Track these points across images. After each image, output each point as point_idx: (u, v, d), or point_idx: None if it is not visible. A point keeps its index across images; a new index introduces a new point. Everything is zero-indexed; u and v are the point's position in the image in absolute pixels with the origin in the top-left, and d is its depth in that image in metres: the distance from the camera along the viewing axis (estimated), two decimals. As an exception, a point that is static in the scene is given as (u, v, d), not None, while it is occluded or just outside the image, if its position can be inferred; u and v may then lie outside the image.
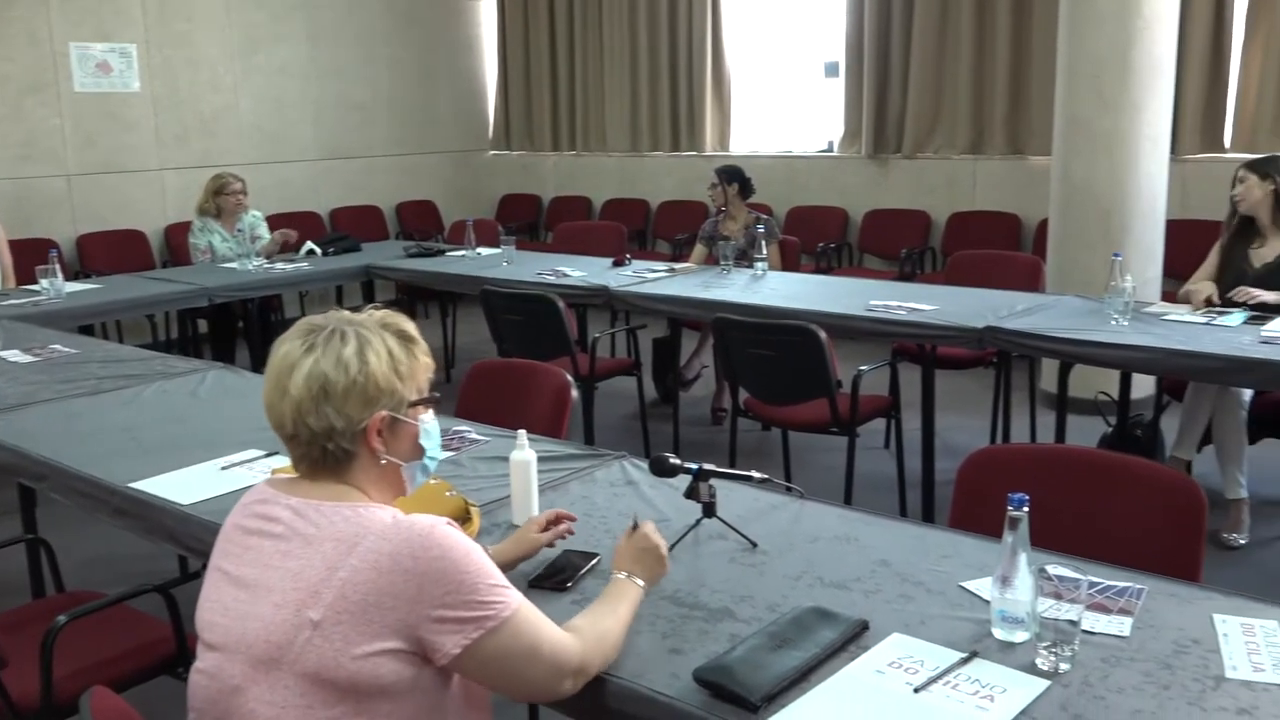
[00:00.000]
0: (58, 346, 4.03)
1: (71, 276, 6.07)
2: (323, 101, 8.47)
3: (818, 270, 6.94)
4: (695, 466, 2.09)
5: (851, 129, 7.59)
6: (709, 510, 2.11)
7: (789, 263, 5.74)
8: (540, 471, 2.30)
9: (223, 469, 2.59)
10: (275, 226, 6.50)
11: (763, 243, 5.29)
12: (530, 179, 9.47)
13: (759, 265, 5.22)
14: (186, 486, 2.47)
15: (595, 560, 2.01)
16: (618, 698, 1.63)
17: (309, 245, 6.28)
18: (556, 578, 1.94)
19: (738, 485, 2.27)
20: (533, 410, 3.04)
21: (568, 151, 9.23)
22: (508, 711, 1.73)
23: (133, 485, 2.50)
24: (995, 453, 2.51)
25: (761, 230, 5.40)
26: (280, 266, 5.91)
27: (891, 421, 4.40)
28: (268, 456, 2.64)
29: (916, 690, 1.56)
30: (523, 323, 4.83)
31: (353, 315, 1.65)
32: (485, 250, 6.19)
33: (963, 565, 1.97)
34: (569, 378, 3.12)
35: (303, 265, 6.01)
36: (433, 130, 9.23)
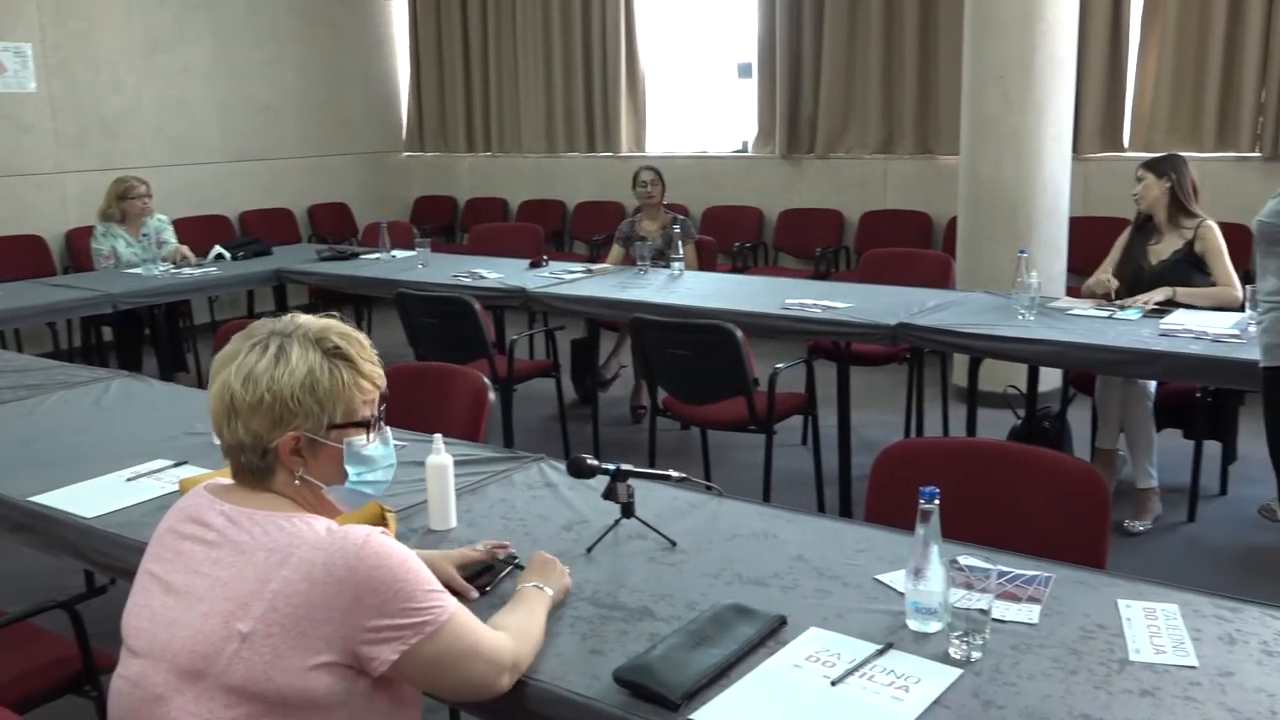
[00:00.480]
0: (-48, 357, 3.89)
1: (-34, 284, 5.85)
2: (229, 102, 8.28)
3: (734, 270, 7.00)
4: (613, 467, 2.09)
5: (765, 129, 7.67)
6: (628, 510, 2.11)
7: (705, 262, 5.78)
8: (457, 475, 2.29)
9: (129, 480, 2.51)
10: (182, 230, 6.35)
11: (679, 243, 5.32)
12: (445, 180, 9.38)
13: (676, 265, 5.24)
14: (90, 499, 2.39)
15: (513, 565, 1.99)
16: (538, 700, 1.63)
17: (217, 249, 6.14)
18: (475, 582, 1.92)
19: (656, 485, 2.28)
20: (449, 414, 3.01)
21: (483, 153, 9.17)
22: (428, 715, 1.70)
23: (33, 499, 2.42)
24: (908, 447, 2.56)
25: (678, 230, 5.43)
26: (188, 271, 5.77)
27: (808, 418, 4.46)
28: (176, 466, 2.58)
29: (833, 683, 1.58)
30: (439, 326, 4.78)
31: (300, 323, 1.59)
32: (400, 253, 6.12)
33: (877, 559, 2.01)
34: (486, 380, 3.10)
35: (211, 270, 5.87)
36: (344, 131, 9.10)
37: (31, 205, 7.30)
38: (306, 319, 1.60)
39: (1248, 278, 4.52)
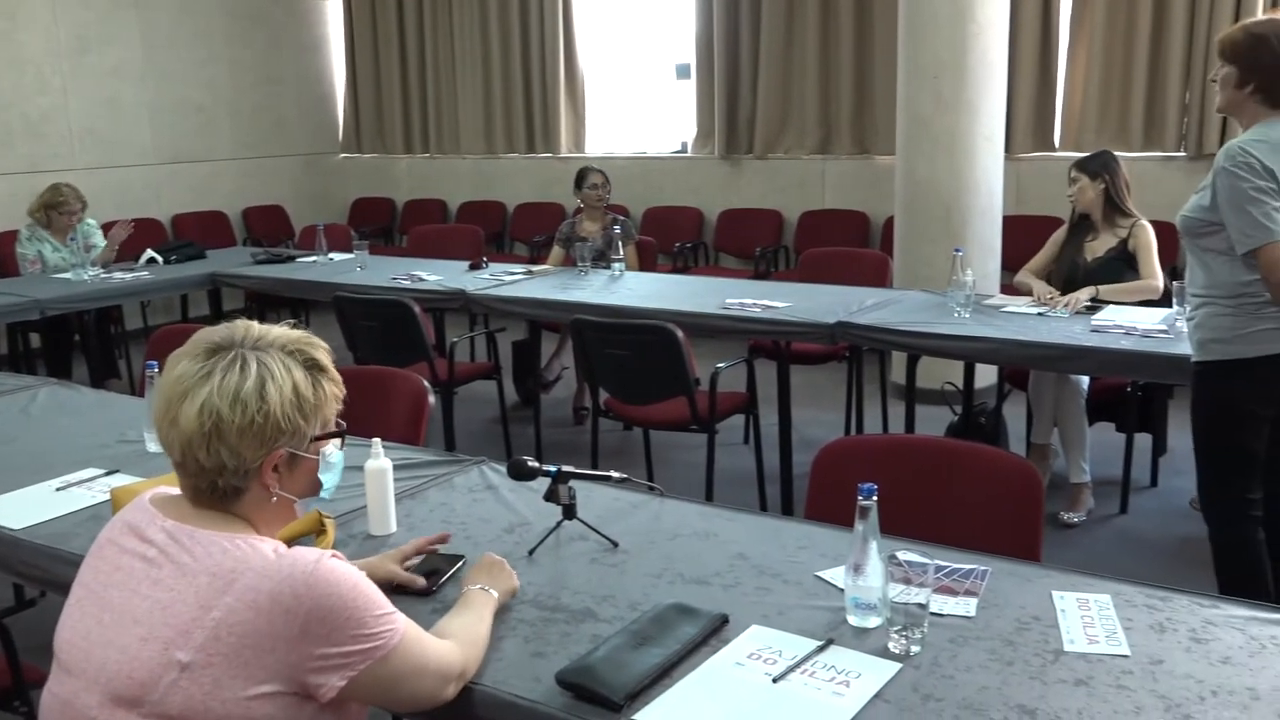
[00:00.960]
0: None
1: (-114, 291, 5.67)
2: (160, 104, 8.12)
3: (674, 270, 7.02)
4: (554, 469, 2.08)
5: (704, 130, 7.70)
6: (569, 512, 2.11)
7: (646, 263, 5.79)
8: (397, 479, 2.27)
9: (58, 490, 2.45)
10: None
11: (620, 243, 5.32)
12: (383, 182, 9.29)
13: (616, 266, 5.24)
14: (18, 510, 2.33)
15: (461, 563, 1.98)
16: (481, 705, 1.62)
17: (149, 253, 6.02)
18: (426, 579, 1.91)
19: (598, 486, 2.28)
20: (389, 417, 2.98)
21: (421, 154, 9.10)
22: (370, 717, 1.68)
23: (-42, 511, 2.36)
24: (847, 444, 2.58)
25: (618, 231, 5.43)
26: (119, 275, 5.65)
27: (749, 417, 4.48)
28: (107, 475, 2.53)
29: (775, 680, 1.59)
30: (378, 329, 4.73)
31: (260, 333, 1.52)
32: (338, 255, 6.05)
33: (818, 555, 2.02)
34: (425, 383, 3.07)
35: (143, 274, 5.76)
36: (280, 133, 8.98)
37: (-46, 209, 7.11)
38: (265, 329, 1.54)
39: (1176, 274, 4.64)
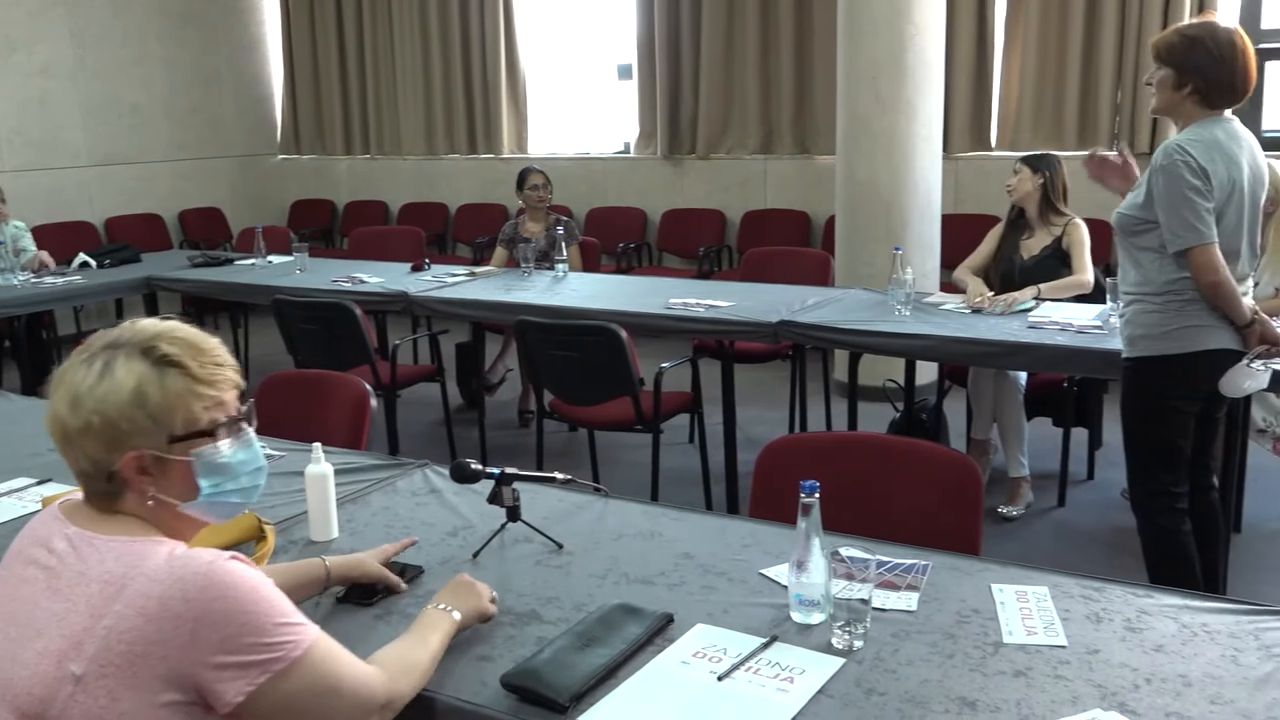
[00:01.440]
0: None
1: None
2: (92, 104, 7.95)
3: (618, 270, 7.02)
4: (497, 471, 2.08)
5: (646, 130, 7.70)
6: (513, 514, 2.10)
7: (589, 263, 5.78)
8: (339, 484, 2.24)
9: (-13, 500, 2.40)
10: (44, 237, 6.08)
11: (563, 244, 5.31)
12: (323, 183, 9.19)
13: (560, 267, 5.23)
14: (-55, 521, 2.27)
15: (420, 574, 1.97)
16: (425, 710, 1.60)
17: (82, 257, 5.90)
18: (357, 594, 1.88)
19: (542, 487, 2.27)
20: (330, 422, 2.96)
21: (361, 155, 9.01)
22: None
23: (-118, 523, 2.29)
24: (790, 442, 2.60)
25: (561, 232, 5.42)
26: (50, 280, 5.53)
27: (694, 417, 4.49)
28: (39, 484, 2.48)
29: (720, 678, 1.59)
30: (319, 332, 4.68)
31: (134, 330, 1.46)
32: (277, 258, 5.97)
33: (762, 553, 2.03)
34: (367, 387, 3.04)
35: (76, 279, 5.63)
36: (216, 134, 8.83)
37: (-124, 213, 6.90)
38: (143, 324, 1.48)
39: (1110, 270, 4.73)
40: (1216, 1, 5.76)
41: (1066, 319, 3.78)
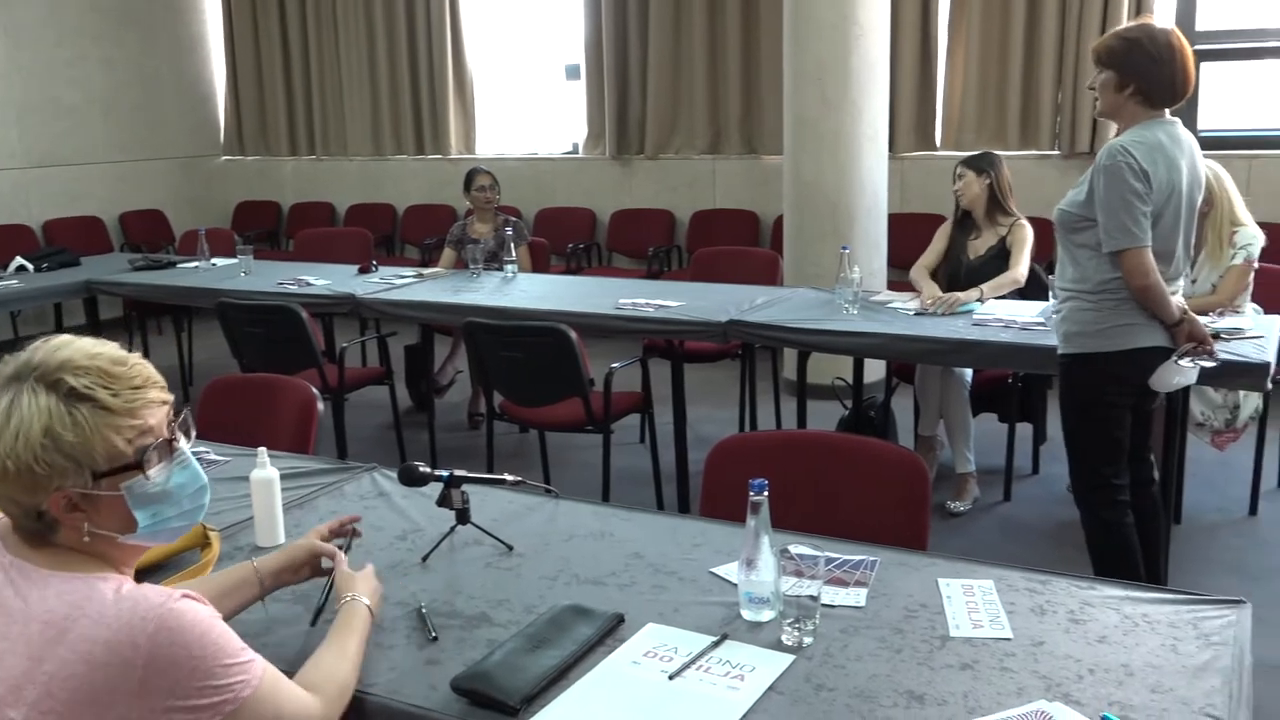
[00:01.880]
0: None
1: None
2: (27, 104, 7.79)
3: (568, 271, 7.01)
4: (446, 473, 2.06)
5: (595, 131, 7.70)
6: (463, 517, 2.09)
7: (539, 264, 5.77)
8: (285, 489, 2.22)
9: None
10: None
11: (512, 245, 5.29)
12: (267, 185, 9.07)
13: (509, 267, 5.21)
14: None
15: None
16: (375, 714, 1.59)
17: (19, 260, 5.78)
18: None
19: (492, 489, 2.27)
20: (276, 426, 2.92)
21: (306, 156, 8.91)
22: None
23: None
24: (740, 441, 2.61)
25: (510, 233, 5.40)
26: (-14, 285, 5.42)
27: (645, 417, 4.50)
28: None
29: (671, 677, 1.60)
30: (264, 335, 4.62)
31: (41, 358, 1.34)
32: (221, 261, 5.89)
33: (712, 552, 2.04)
34: (314, 390, 3.01)
35: (12, 283, 5.52)
36: (158, 135, 8.68)
37: None
38: (48, 349, 1.36)
39: (1052, 268, 4.81)
40: (1153, 4, 5.88)
41: (1010, 316, 3.84)
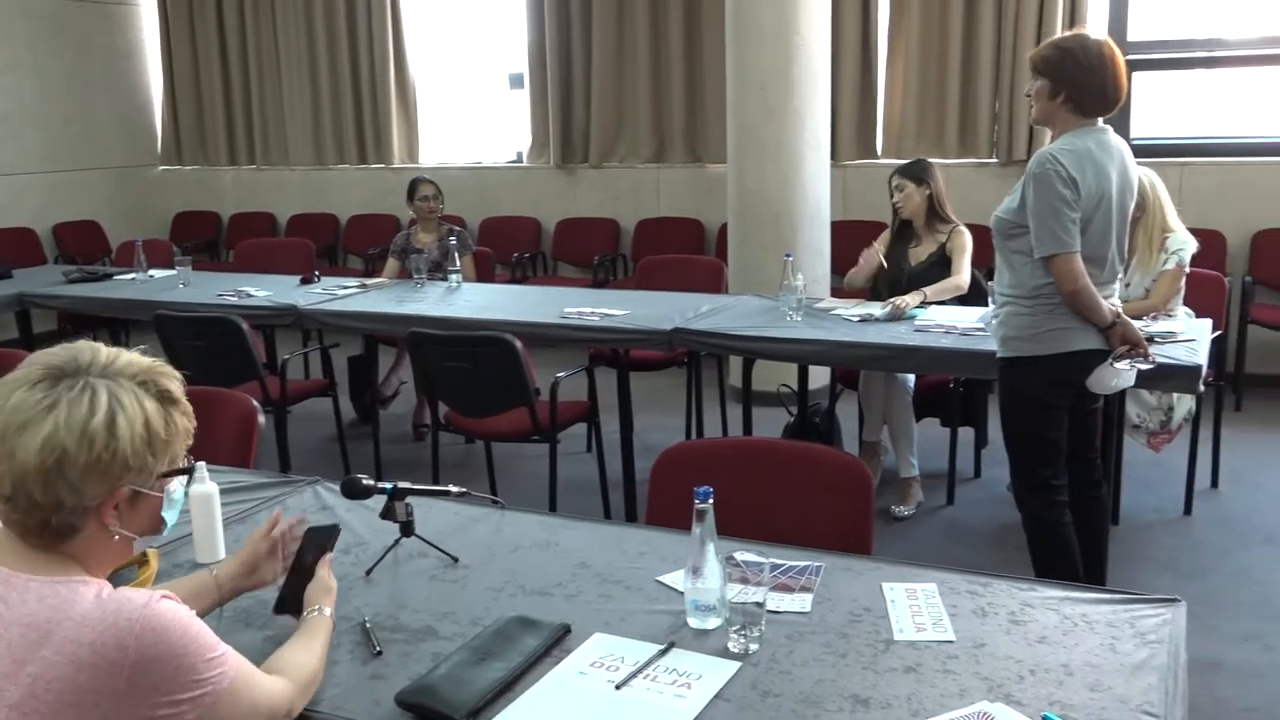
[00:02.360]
0: None
1: None
2: (-43, 114, 7.62)
3: (513, 280, 6.99)
4: (389, 486, 2.04)
5: (539, 140, 7.69)
6: (407, 529, 2.07)
7: (484, 274, 5.74)
8: (226, 504, 2.18)
9: None
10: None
11: (456, 255, 5.26)
12: (207, 195, 8.94)
13: (453, 277, 5.19)
14: None
15: (337, 531, 1.89)
16: (318, 732, 1.57)
17: (-52, 273, 5.64)
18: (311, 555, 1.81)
19: (437, 501, 2.25)
20: (216, 440, 2.87)
21: (246, 165, 8.79)
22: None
23: None
24: (685, 449, 2.62)
25: (454, 242, 5.37)
26: (-87, 298, 5.27)
27: (591, 426, 4.49)
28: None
29: (618, 687, 1.59)
30: (204, 348, 4.54)
31: (109, 358, 1.41)
32: (159, 272, 5.79)
33: (659, 560, 2.04)
34: (254, 403, 2.97)
35: (-59, 296, 5.39)
36: (92, 144, 8.52)
37: None
38: (113, 354, 1.43)
39: (992, 274, 4.88)
40: (1086, 15, 6.00)
41: (951, 322, 3.89)
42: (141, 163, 8.95)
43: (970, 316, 3.96)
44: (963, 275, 4.31)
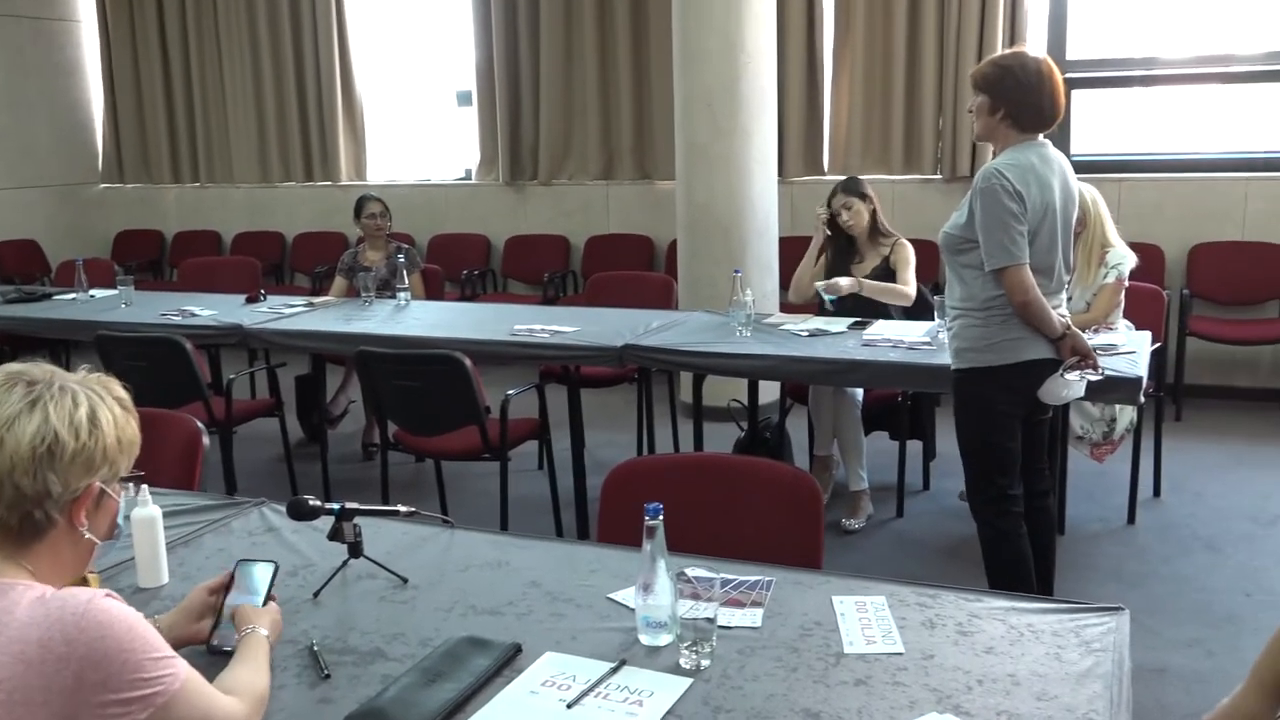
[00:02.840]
0: None
1: None
2: (-110, 131, 7.45)
3: (463, 298, 6.96)
4: (337, 506, 2.02)
5: (488, 157, 7.67)
6: (355, 550, 2.05)
7: (432, 291, 5.71)
8: (169, 527, 2.15)
9: None
10: None
11: (404, 272, 5.23)
12: (149, 213, 8.80)
13: (402, 295, 5.15)
14: None
15: (275, 569, 1.87)
16: (264, 759, 1.55)
17: (-120, 295, 5.50)
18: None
19: (386, 521, 2.23)
20: (159, 462, 2.81)
21: (190, 183, 8.68)
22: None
23: None
24: (635, 465, 2.61)
25: (403, 260, 5.33)
26: None
27: (542, 443, 4.48)
28: None
29: (569, 705, 1.59)
30: (148, 368, 4.47)
31: (64, 373, 1.48)
32: (100, 292, 5.70)
33: (610, 577, 2.04)
34: (198, 424, 2.92)
35: (-127, 318, 5.25)
36: (30, 162, 8.36)
37: None
38: (65, 372, 1.49)
39: (938, 288, 4.94)
40: (1026, 34, 6.11)
41: (898, 336, 3.94)
42: (82, 180, 8.80)
43: (917, 331, 4.00)
44: (910, 287, 4.37)
